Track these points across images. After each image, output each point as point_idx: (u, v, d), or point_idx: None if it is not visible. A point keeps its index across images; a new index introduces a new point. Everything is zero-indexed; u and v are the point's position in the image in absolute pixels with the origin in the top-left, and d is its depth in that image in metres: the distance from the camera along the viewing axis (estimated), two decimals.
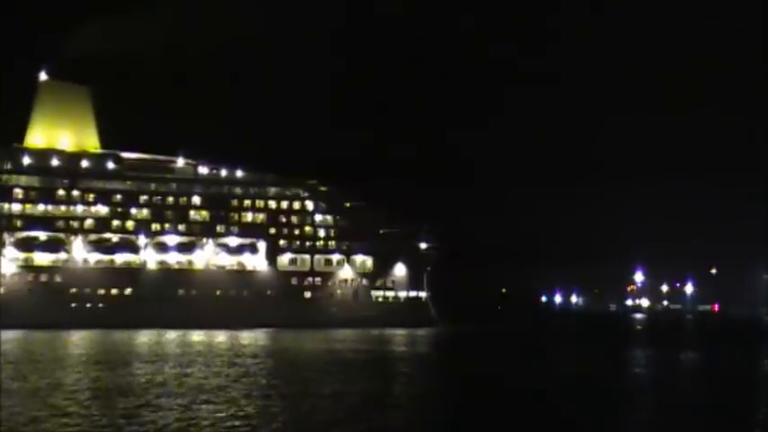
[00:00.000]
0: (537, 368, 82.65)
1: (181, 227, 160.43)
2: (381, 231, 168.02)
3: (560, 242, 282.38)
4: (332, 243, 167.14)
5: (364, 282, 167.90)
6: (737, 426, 49.53)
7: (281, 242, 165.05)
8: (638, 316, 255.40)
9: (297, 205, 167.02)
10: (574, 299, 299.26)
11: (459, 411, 51.96)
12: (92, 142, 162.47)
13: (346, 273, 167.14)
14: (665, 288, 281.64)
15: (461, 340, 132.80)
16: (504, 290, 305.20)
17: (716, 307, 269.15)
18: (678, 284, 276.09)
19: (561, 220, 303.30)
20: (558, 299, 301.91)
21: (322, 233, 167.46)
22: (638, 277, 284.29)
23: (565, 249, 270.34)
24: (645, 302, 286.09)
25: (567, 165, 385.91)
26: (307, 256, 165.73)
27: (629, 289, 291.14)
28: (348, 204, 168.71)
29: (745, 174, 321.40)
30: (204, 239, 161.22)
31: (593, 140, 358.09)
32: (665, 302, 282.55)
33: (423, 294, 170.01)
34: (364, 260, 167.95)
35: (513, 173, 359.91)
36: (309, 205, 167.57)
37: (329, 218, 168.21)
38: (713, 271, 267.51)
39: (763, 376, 79.77)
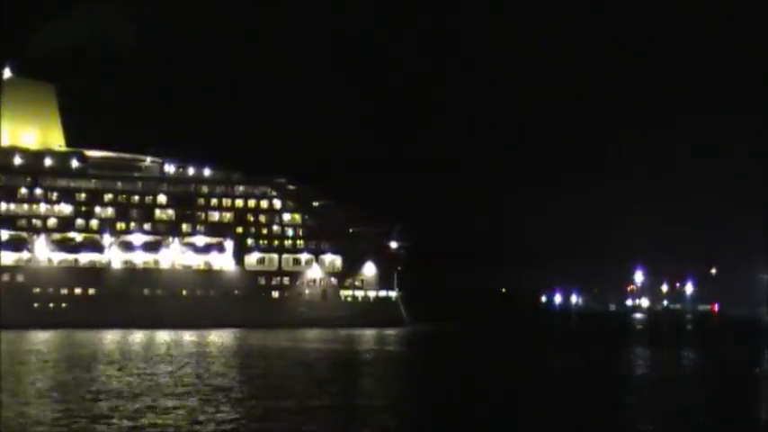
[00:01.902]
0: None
1: (146, 226, 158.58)
2: (351, 230, 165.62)
3: (560, 242, 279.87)
4: (300, 242, 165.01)
5: (333, 281, 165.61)
6: (739, 427, 47.89)
7: (249, 241, 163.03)
8: (638, 316, 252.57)
9: (264, 204, 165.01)
10: (574, 299, 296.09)
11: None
12: (57, 140, 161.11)
13: (315, 272, 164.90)
14: (665, 288, 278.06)
15: (426, 340, 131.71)
16: (503, 289, 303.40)
17: (716, 307, 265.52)
18: (678, 284, 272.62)
19: (561, 219, 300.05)
20: (557, 299, 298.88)
21: (290, 232, 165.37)
22: (638, 277, 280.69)
23: (565, 249, 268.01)
24: (645, 302, 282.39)
25: (567, 163, 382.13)
26: (275, 256, 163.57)
27: (629, 289, 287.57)
28: (317, 203, 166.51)
29: (744, 174, 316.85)
30: (170, 239, 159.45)
31: (593, 139, 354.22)
32: (665, 302, 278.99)
33: (393, 294, 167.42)
34: (333, 259, 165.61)
35: (513, 171, 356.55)
36: (277, 204, 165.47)
37: (297, 216, 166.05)
38: (713, 271, 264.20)
39: (764, 376, 77.36)
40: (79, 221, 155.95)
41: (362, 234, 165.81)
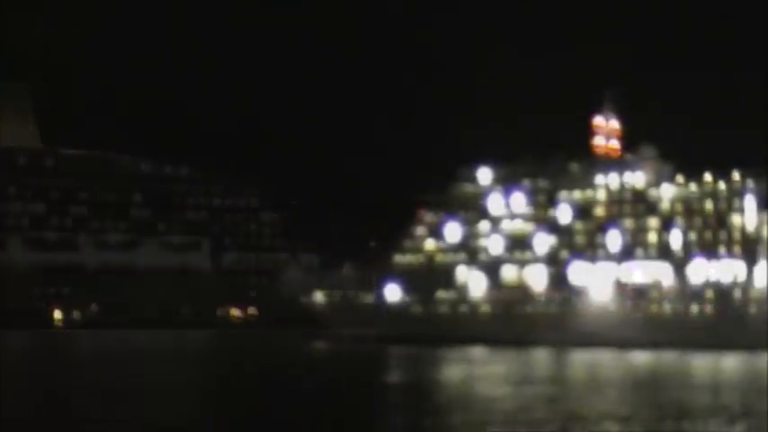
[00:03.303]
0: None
1: (122, 225, 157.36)
2: (329, 229, 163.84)
3: None
4: (278, 241, 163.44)
5: (311, 281, 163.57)
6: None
7: (226, 240, 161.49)
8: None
9: (242, 203, 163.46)
10: None
11: None
12: (32, 139, 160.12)
13: (292, 272, 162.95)
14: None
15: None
16: None
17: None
18: None
19: None
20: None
21: (267, 231, 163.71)
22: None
23: None
24: None
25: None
26: (252, 255, 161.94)
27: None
28: (294, 202, 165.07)
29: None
30: (146, 238, 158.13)
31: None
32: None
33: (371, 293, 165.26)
34: (311, 259, 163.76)
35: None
36: (254, 203, 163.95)
37: (275, 215, 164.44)
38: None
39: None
40: (53, 220, 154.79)
41: (341, 233, 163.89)
